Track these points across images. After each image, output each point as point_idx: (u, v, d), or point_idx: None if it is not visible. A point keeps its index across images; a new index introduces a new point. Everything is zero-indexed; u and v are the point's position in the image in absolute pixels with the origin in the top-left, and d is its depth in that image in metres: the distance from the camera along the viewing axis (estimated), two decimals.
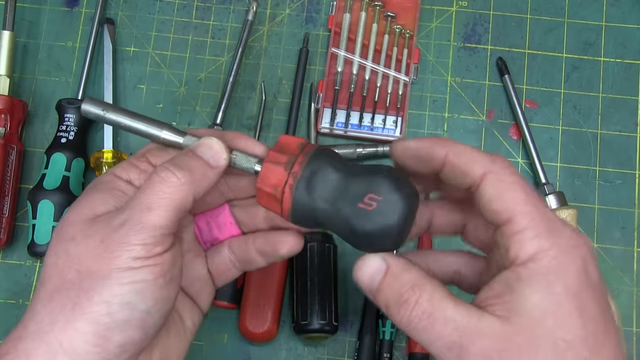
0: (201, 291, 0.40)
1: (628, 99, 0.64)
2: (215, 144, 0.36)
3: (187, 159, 0.35)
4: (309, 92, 0.64)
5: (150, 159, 0.37)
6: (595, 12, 0.66)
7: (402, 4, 0.65)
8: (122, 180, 0.36)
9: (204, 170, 0.35)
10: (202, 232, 0.41)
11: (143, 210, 0.33)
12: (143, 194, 0.33)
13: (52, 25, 0.66)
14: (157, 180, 0.34)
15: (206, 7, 0.67)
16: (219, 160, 0.36)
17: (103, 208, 0.35)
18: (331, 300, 0.56)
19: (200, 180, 0.35)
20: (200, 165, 0.35)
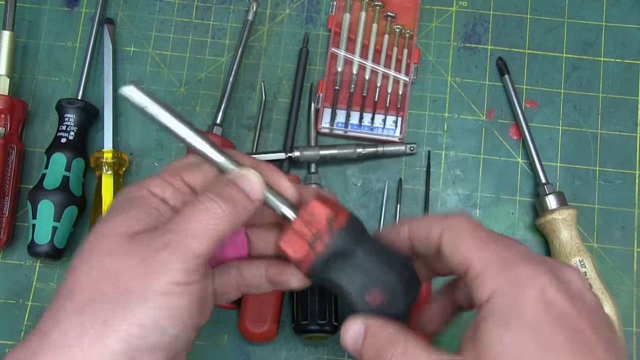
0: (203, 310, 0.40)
1: (628, 99, 0.64)
2: (255, 178, 0.37)
3: (230, 191, 0.36)
4: (309, 92, 0.64)
5: (185, 176, 0.37)
6: (595, 12, 0.66)
7: (402, 4, 0.65)
8: (157, 197, 0.36)
9: (245, 203, 0.36)
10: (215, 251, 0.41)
11: (188, 237, 0.33)
12: (188, 221, 0.34)
13: (52, 25, 0.66)
14: (203, 209, 0.34)
15: (206, 7, 0.67)
16: (258, 195, 0.37)
17: (139, 226, 0.34)
18: (331, 300, 0.56)
19: (241, 213, 0.35)
20: (242, 198, 0.36)
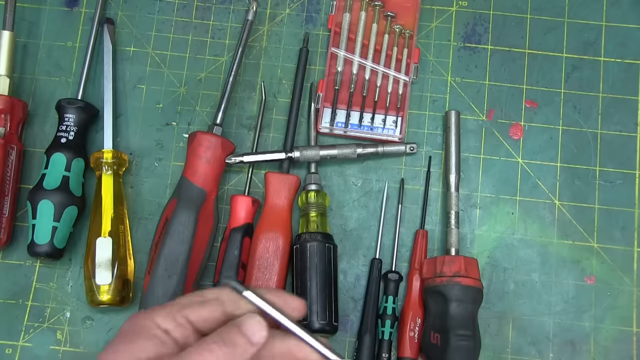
0: None
1: (628, 99, 0.64)
2: (258, 324, 0.39)
3: (233, 335, 0.38)
4: (309, 92, 0.64)
5: (189, 315, 0.39)
6: (595, 12, 0.66)
7: (402, 4, 0.65)
8: (161, 329, 0.38)
9: (246, 347, 0.38)
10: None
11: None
12: (190, 357, 0.37)
13: (52, 25, 0.66)
14: (206, 349, 0.37)
15: (206, 7, 0.67)
16: (259, 339, 0.39)
17: (144, 354, 0.37)
18: (331, 300, 0.56)
19: (240, 355, 0.38)
20: (243, 342, 0.38)
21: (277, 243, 0.58)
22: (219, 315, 0.40)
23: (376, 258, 0.60)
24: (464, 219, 0.61)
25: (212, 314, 0.40)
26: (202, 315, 0.40)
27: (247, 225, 0.59)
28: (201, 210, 0.57)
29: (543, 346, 0.59)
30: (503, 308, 0.60)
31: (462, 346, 0.53)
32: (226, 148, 0.60)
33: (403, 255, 0.61)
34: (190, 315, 0.39)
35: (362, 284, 0.60)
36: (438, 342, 0.54)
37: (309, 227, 0.59)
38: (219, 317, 0.40)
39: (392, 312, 0.58)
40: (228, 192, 0.62)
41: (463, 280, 0.54)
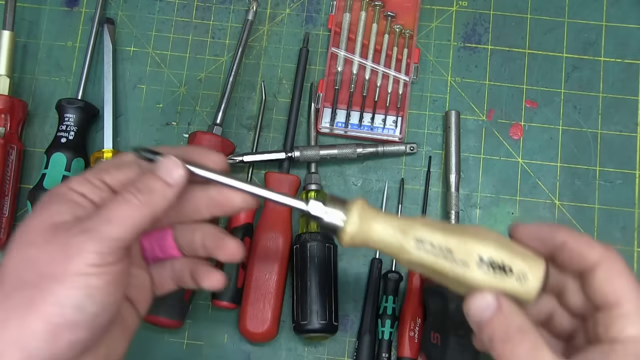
0: (141, 298, 0.43)
1: (628, 99, 0.64)
2: (173, 163, 0.39)
3: (147, 181, 0.38)
4: (309, 92, 0.64)
5: (105, 177, 0.39)
6: (595, 12, 0.66)
7: (402, 4, 0.65)
8: (77, 192, 0.38)
9: (163, 190, 0.38)
10: (146, 250, 0.44)
11: (102, 222, 0.36)
12: (105, 210, 0.36)
13: (52, 25, 0.66)
14: (121, 201, 0.37)
15: (206, 7, 0.67)
16: (177, 177, 0.38)
17: (60, 217, 0.37)
18: (331, 300, 0.56)
19: (159, 201, 0.38)
20: (160, 186, 0.38)
21: (277, 243, 0.58)
22: (135, 175, 0.39)
23: (376, 258, 0.60)
24: (464, 219, 0.61)
25: (128, 176, 0.39)
26: (118, 177, 0.39)
27: (247, 225, 0.59)
28: None
29: None
30: None
31: (462, 346, 0.53)
32: (226, 148, 0.60)
33: None
34: (106, 178, 0.39)
35: (362, 284, 0.60)
36: (438, 342, 0.54)
37: (309, 227, 0.59)
38: (136, 177, 0.39)
39: (392, 312, 0.58)
40: None
41: None
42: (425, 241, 0.39)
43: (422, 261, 0.39)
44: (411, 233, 0.39)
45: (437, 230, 0.39)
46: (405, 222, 0.40)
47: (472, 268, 0.38)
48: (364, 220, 0.39)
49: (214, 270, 0.44)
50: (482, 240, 0.38)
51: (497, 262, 0.38)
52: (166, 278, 0.45)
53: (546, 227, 0.40)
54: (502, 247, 0.38)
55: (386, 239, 0.39)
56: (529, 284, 0.38)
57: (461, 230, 0.39)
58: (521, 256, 0.38)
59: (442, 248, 0.38)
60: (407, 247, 0.39)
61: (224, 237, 0.43)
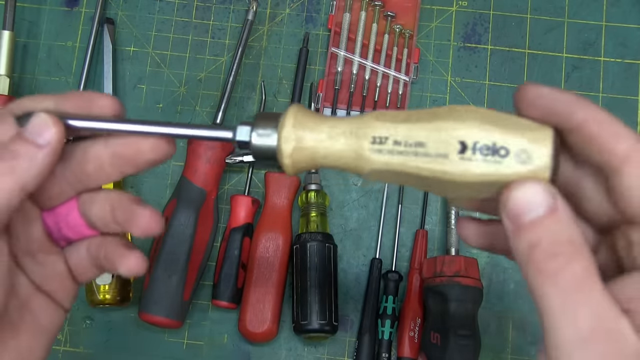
0: (60, 289, 0.36)
1: (628, 99, 0.64)
2: (41, 120, 0.31)
3: (12, 144, 0.31)
4: (309, 92, 0.64)
5: None
6: (595, 12, 0.66)
7: (402, 4, 0.65)
8: None
9: (32, 153, 0.30)
10: (53, 232, 0.36)
11: None
12: None
13: (52, 25, 0.66)
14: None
15: (206, 7, 0.67)
16: (48, 137, 0.31)
17: None
18: (331, 300, 0.56)
19: (27, 167, 0.30)
20: (27, 149, 0.30)
21: (277, 243, 0.58)
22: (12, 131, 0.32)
23: (376, 258, 0.60)
24: None
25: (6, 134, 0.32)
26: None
27: (247, 225, 0.59)
28: (201, 210, 0.57)
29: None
30: (503, 308, 0.60)
31: (462, 346, 0.53)
32: (226, 148, 0.60)
33: (403, 255, 0.61)
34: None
35: (362, 284, 0.60)
36: (438, 342, 0.54)
37: (309, 227, 0.59)
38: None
39: (392, 312, 0.58)
40: (228, 192, 0.62)
41: (463, 280, 0.54)
42: (387, 140, 0.29)
43: (388, 167, 0.29)
44: (366, 134, 0.29)
45: (399, 123, 0.29)
46: (356, 122, 0.30)
47: (453, 159, 0.28)
48: (302, 133, 0.30)
49: (129, 251, 0.35)
50: (460, 122, 0.28)
51: (486, 144, 0.27)
52: (85, 263, 0.36)
53: (562, 96, 0.29)
54: (488, 123, 0.28)
55: (337, 150, 0.30)
56: (536, 163, 0.27)
57: (430, 114, 0.29)
58: (517, 130, 0.28)
59: (410, 143, 0.29)
60: (365, 154, 0.29)
61: (136, 206, 0.34)
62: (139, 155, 0.33)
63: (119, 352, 0.59)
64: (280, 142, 0.30)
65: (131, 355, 0.59)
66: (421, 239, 0.60)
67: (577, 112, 0.28)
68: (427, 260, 0.58)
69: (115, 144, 0.33)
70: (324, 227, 0.59)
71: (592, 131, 0.28)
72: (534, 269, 0.26)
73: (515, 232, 0.27)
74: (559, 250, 0.26)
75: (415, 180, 0.30)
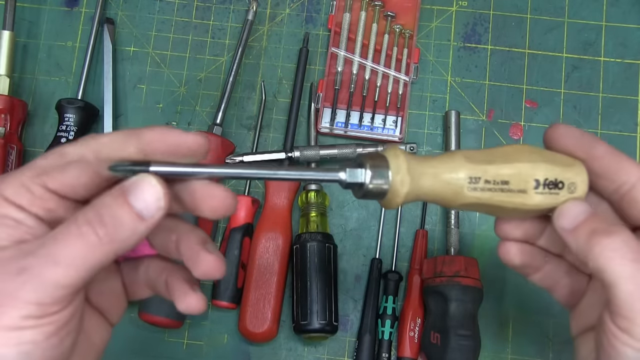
0: (113, 306, 0.36)
1: (628, 99, 0.64)
2: (152, 190, 0.29)
3: (113, 208, 0.29)
4: (309, 92, 0.64)
5: (47, 181, 0.30)
6: (595, 12, 0.66)
7: (402, 4, 0.65)
8: (14, 205, 0.29)
9: (134, 225, 0.29)
10: None
11: (49, 263, 0.28)
12: (54, 244, 0.28)
13: (52, 25, 0.66)
14: (76, 234, 0.28)
15: (206, 7, 0.67)
16: (154, 212, 0.29)
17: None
18: (331, 300, 0.56)
19: (127, 238, 0.29)
20: (130, 219, 0.29)
21: (277, 243, 0.58)
22: (88, 179, 0.30)
23: (376, 258, 0.60)
24: (464, 219, 0.61)
25: (78, 180, 0.30)
26: (65, 180, 0.30)
27: (247, 225, 0.59)
28: None
29: (543, 346, 0.59)
30: (503, 308, 0.60)
31: (462, 346, 0.53)
32: (226, 148, 0.60)
33: (403, 255, 0.61)
34: (48, 182, 0.30)
35: (362, 284, 0.60)
36: (438, 342, 0.54)
37: (309, 227, 0.59)
38: (89, 180, 0.30)
39: (392, 312, 0.58)
40: None
41: (463, 280, 0.54)
42: (479, 180, 0.36)
43: (478, 201, 0.36)
44: (462, 174, 0.36)
45: (487, 165, 0.36)
46: (452, 164, 0.36)
47: (531, 194, 0.36)
48: (414, 179, 0.35)
49: (191, 292, 0.34)
50: (532, 163, 0.36)
51: (551, 181, 0.36)
52: (140, 283, 0.36)
53: (586, 135, 0.37)
54: (550, 163, 0.36)
55: (440, 190, 0.36)
56: (579, 191, 0.37)
57: (505, 155, 0.37)
58: (567, 166, 0.37)
59: (497, 181, 0.36)
60: (463, 192, 0.36)
61: (201, 249, 0.32)
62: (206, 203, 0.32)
63: (119, 352, 0.59)
64: (396, 185, 0.35)
65: (131, 355, 0.59)
66: (421, 239, 0.60)
67: (597, 148, 0.36)
68: (427, 260, 0.58)
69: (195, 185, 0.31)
70: (324, 227, 0.59)
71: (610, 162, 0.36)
72: (596, 252, 0.33)
73: (574, 230, 0.35)
74: (610, 229, 0.34)
75: (494, 210, 0.37)
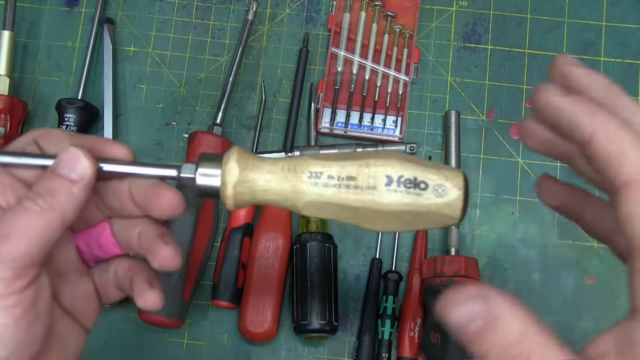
0: (86, 310, 0.37)
1: None
2: (74, 156, 0.32)
3: (47, 181, 0.32)
4: (309, 92, 0.64)
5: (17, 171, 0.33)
6: (595, 12, 0.66)
7: (402, 4, 0.65)
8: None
9: (68, 188, 0.31)
10: (84, 252, 0.37)
11: (3, 241, 0.29)
12: (5, 225, 0.30)
13: (52, 25, 0.66)
14: (19, 210, 0.31)
15: (206, 7, 0.67)
16: (82, 172, 0.32)
17: None
18: (331, 300, 0.56)
19: (65, 202, 0.31)
20: (63, 184, 0.31)
21: (277, 243, 0.58)
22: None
23: (376, 258, 0.60)
24: (464, 219, 0.61)
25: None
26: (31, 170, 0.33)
27: (247, 225, 0.59)
28: (201, 210, 0.57)
29: None
30: None
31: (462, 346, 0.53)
32: (226, 148, 0.60)
33: (403, 255, 0.61)
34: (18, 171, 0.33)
35: (362, 284, 0.60)
36: (438, 342, 0.54)
37: (309, 227, 0.59)
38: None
39: (392, 312, 0.58)
40: None
41: (463, 280, 0.54)
42: (321, 174, 0.32)
43: (322, 199, 0.33)
44: (303, 169, 0.33)
45: (333, 161, 0.33)
46: (294, 161, 0.33)
47: (381, 190, 0.32)
48: (244, 169, 0.33)
49: (149, 290, 0.35)
50: (386, 159, 0.32)
51: (408, 179, 0.32)
52: (111, 284, 0.37)
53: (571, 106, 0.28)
54: (409, 162, 0.32)
55: (276, 184, 0.33)
56: (450, 195, 0.32)
57: (359, 155, 0.33)
58: (435, 169, 0.32)
59: (342, 177, 0.32)
60: (302, 187, 0.32)
61: (159, 241, 0.35)
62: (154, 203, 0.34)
63: (119, 352, 0.59)
64: (224, 175, 0.33)
65: (131, 355, 0.59)
66: (421, 239, 0.60)
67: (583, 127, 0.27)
68: (427, 260, 0.58)
69: (136, 188, 0.34)
70: (324, 227, 0.59)
71: (596, 150, 0.27)
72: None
73: (467, 342, 0.28)
74: (514, 354, 0.26)
75: (347, 212, 0.33)
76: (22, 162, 0.33)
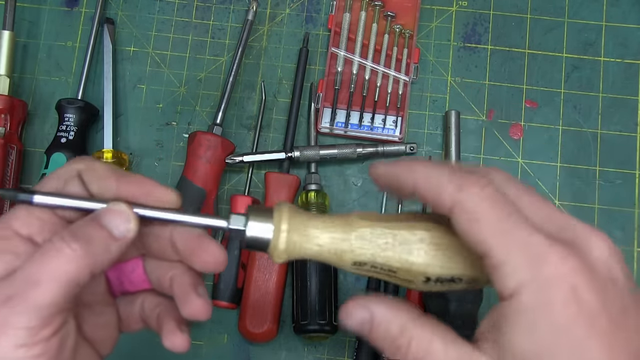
0: (105, 338, 0.36)
1: (628, 99, 0.64)
2: (123, 213, 0.32)
3: (86, 228, 0.31)
4: (309, 92, 0.64)
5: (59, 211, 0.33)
6: (595, 12, 0.66)
7: (402, 4, 0.65)
8: (20, 236, 0.31)
9: (106, 241, 0.31)
10: (113, 285, 0.37)
11: (30, 285, 0.28)
12: (31, 266, 0.29)
13: (52, 25, 0.66)
14: (50, 250, 0.29)
15: (206, 7, 0.67)
16: (124, 232, 0.31)
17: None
18: (331, 300, 0.56)
19: (100, 253, 0.31)
20: (102, 236, 0.31)
21: None
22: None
23: None
24: None
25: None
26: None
27: None
28: (201, 210, 0.57)
29: None
30: None
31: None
32: (226, 148, 0.60)
33: None
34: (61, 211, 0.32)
35: (362, 284, 0.60)
36: None
37: None
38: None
39: None
40: (228, 192, 0.62)
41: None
42: (364, 264, 0.35)
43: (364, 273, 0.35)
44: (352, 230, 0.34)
45: (379, 249, 0.34)
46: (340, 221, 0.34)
47: (418, 283, 0.35)
48: (295, 228, 0.33)
49: (178, 332, 0.35)
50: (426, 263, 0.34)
51: (445, 278, 0.35)
52: (135, 316, 0.37)
53: (393, 169, 0.33)
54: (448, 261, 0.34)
55: (326, 254, 0.34)
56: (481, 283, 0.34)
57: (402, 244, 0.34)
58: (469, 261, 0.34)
59: (385, 268, 0.34)
60: (347, 267, 0.35)
61: (192, 291, 0.34)
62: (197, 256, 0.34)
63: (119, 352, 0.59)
64: (276, 237, 0.33)
65: (132, 356, 0.59)
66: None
67: (405, 181, 0.32)
68: None
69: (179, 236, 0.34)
70: None
71: (421, 193, 0.32)
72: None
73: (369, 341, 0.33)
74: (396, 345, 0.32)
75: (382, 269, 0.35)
76: (69, 204, 0.32)
